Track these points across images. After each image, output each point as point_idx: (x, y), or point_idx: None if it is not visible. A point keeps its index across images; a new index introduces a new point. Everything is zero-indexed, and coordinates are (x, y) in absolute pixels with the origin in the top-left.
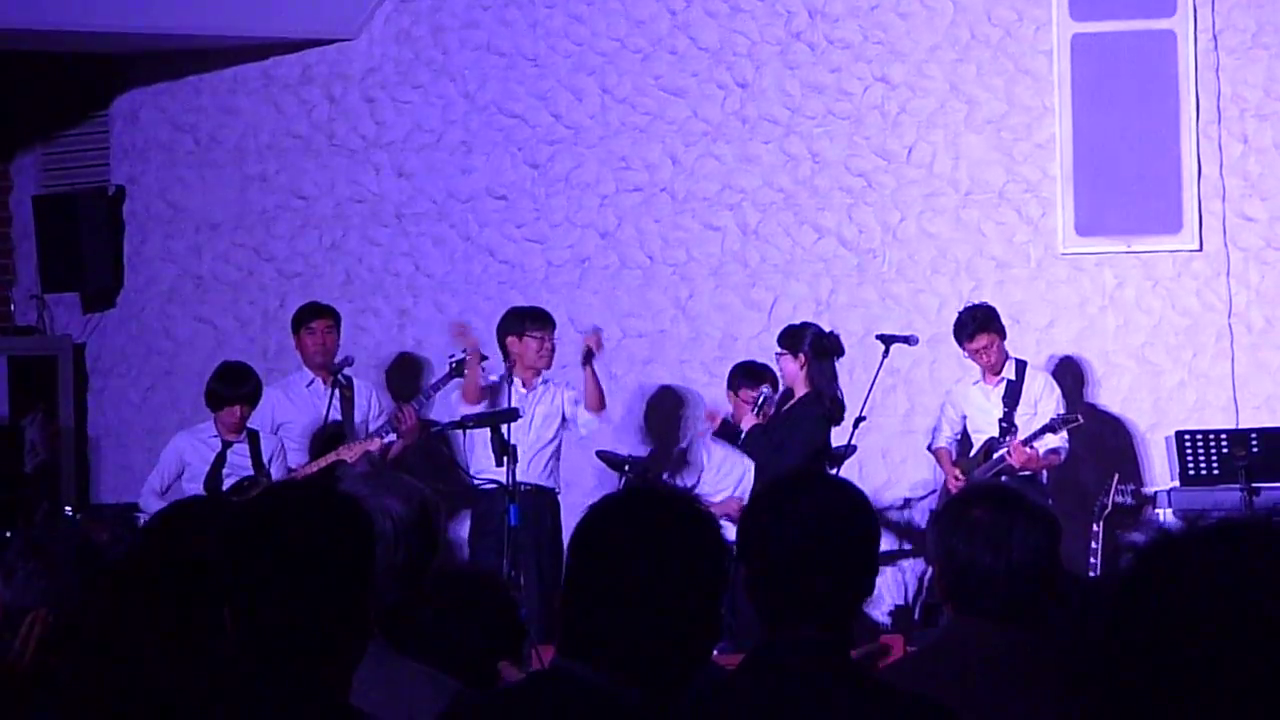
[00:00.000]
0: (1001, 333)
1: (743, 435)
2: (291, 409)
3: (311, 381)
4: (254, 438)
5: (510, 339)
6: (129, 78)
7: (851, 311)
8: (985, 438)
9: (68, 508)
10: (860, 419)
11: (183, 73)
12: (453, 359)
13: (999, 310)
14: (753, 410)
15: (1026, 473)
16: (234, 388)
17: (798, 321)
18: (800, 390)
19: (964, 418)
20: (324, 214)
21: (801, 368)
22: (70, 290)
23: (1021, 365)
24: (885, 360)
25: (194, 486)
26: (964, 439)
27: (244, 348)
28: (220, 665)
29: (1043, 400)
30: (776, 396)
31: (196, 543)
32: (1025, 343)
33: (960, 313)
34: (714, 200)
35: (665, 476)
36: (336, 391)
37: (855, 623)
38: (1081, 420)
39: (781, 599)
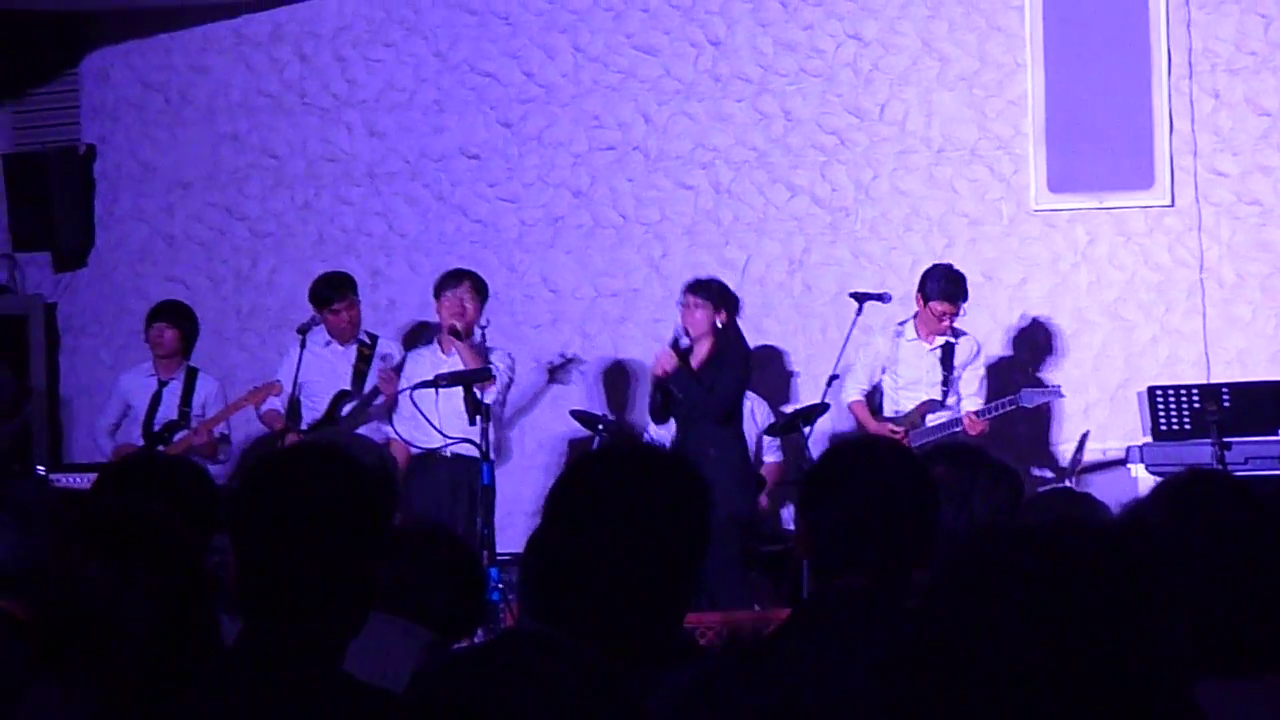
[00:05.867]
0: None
1: (666, 382)
2: (312, 368)
3: (329, 342)
4: (191, 376)
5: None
6: (99, 36)
7: (824, 269)
8: (921, 397)
9: (40, 466)
10: (834, 377)
11: (153, 31)
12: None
13: (972, 267)
14: (670, 347)
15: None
16: (154, 316)
17: (704, 276)
18: (709, 340)
19: (883, 370)
20: (296, 173)
21: (721, 321)
22: (41, 249)
23: (958, 330)
24: (858, 318)
25: (135, 428)
26: (874, 393)
27: (216, 307)
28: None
29: (969, 365)
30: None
31: (144, 496)
32: (998, 300)
33: (947, 269)
34: (687, 159)
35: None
36: (356, 350)
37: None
38: (1064, 394)
39: (837, 553)
